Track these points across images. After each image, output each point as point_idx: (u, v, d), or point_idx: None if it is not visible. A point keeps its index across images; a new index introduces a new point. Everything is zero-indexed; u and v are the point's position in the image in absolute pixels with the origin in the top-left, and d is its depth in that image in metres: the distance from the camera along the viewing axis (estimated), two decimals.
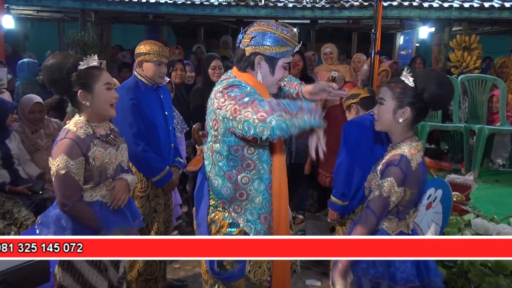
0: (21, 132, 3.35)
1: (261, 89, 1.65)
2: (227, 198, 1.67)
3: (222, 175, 1.66)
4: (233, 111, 1.46)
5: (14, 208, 2.83)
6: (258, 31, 1.62)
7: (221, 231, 1.69)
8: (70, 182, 1.70)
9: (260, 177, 1.66)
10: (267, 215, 1.68)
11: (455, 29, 6.19)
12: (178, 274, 3.27)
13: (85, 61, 1.75)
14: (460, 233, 2.52)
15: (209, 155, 1.70)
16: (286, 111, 1.39)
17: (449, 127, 4.71)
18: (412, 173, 1.63)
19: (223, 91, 1.54)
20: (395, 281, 1.63)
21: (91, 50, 5.50)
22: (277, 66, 1.64)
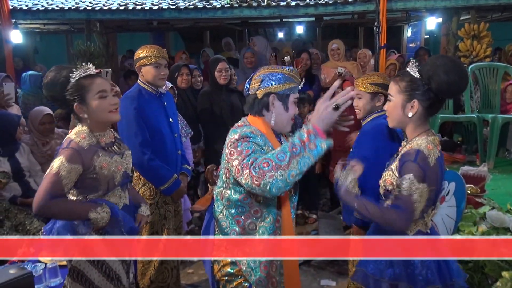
0: (31, 144, 3.39)
1: (271, 136, 1.68)
2: (232, 242, 1.70)
3: (231, 219, 1.70)
4: (236, 171, 1.53)
5: (26, 220, 2.86)
6: (264, 74, 1.69)
7: (222, 269, 1.72)
8: (56, 182, 1.61)
9: (265, 226, 1.68)
10: (267, 264, 1.69)
11: (463, 18, 6.07)
12: (192, 279, 3.27)
13: (75, 72, 1.70)
14: (475, 227, 2.45)
15: (219, 198, 1.74)
16: (277, 167, 1.43)
17: (461, 118, 4.61)
18: (431, 170, 1.54)
19: (234, 142, 1.59)
20: (414, 283, 1.57)
21: (98, 60, 5.56)
22: (289, 102, 1.69)
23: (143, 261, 2.62)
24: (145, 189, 2.57)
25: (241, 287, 1.70)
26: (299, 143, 1.45)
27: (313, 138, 1.44)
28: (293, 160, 1.43)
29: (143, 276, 2.62)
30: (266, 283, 1.69)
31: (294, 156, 1.43)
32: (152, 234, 2.58)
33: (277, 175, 1.42)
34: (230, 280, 1.71)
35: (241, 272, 1.69)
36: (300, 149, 1.44)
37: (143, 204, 2.07)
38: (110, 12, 5.73)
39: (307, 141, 1.44)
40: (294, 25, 8.30)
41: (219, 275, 1.73)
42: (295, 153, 1.44)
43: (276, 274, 1.71)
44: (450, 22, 5.64)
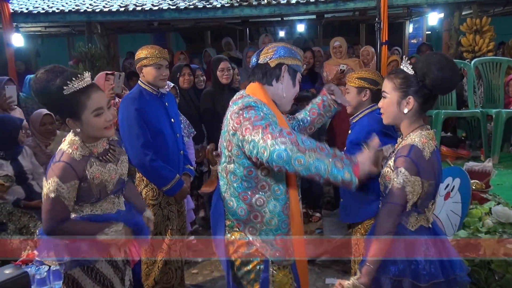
0: (34, 146, 3.39)
1: (273, 107, 1.65)
2: (242, 220, 1.64)
3: (236, 196, 1.64)
4: (244, 131, 1.48)
5: (30, 222, 2.86)
6: (278, 45, 1.69)
7: (238, 251, 1.67)
8: (59, 205, 1.60)
9: (276, 198, 1.62)
10: (283, 235, 1.65)
11: (465, 13, 6.04)
12: (197, 279, 3.26)
13: (70, 84, 1.56)
14: (480, 222, 2.43)
15: (223, 176, 1.68)
16: (295, 142, 1.36)
17: (465, 113, 4.58)
18: (426, 163, 1.56)
19: (238, 112, 1.54)
20: (418, 278, 1.56)
21: (99, 62, 5.57)
22: (296, 79, 1.69)
23: (147, 262, 2.62)
24: (148, 189, 2.56)
25: (258, 268, 1.65)
26: (331, 152, 1.37)
27: (346, 163, 1.35)
28: (313, 153, 1.35)
29: (147, 277, 2.61)
30: (283, 255, 1.64)
31: (317, 152, 1.35)
32: (156, 235, 2.57)
33: (288, 147, 1.36)
34: (247, 261, 1.66)
35: (257, 252, 1.64)
36: (326, 155, 1.36)
37: (147, 209, 2.03)
38: (110, 14, 5.73)
39: (338, 158, 1.36)
40: (295, 24, 8.28)
41: (235, 256, 1.68)
42: (320, 151, 1.36)
43: (290, 244, 1.66)
44: (452, 17, 5.61)
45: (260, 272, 1.65)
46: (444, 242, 1.67)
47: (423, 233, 1.63)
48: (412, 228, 1.62)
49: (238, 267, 1.68)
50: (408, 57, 1.68)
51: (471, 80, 4.59)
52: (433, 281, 1.56)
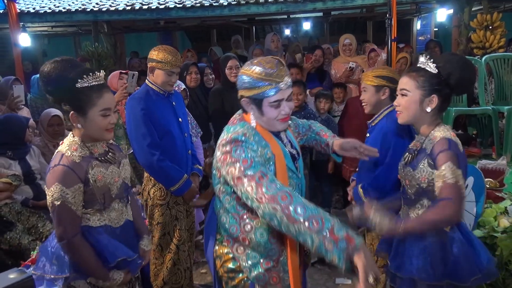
0: (42, 146, 3.39)
1: (263, 131, 1.58)
2: (232, 237, 1.62)
3: (230, 214, 1.62)
4: (237, 179, 1.43)
5: (39, 222, 2.85)
6: (240, 74, 1.57)
7: (224, 265, 1.65)
8: (67, 213, 1.55)
9: (263, 227, 1.57)
10: (269, 260, 1.60)
11: (475, 9, 5.95)
12: (206, 279, 3.24)
13: (85, 78, 1.54)
14: (496, 222, 2.38)
15: (218, 194, 1.65)
16: (287, 213, 1.30)
17: (476, 110, 4.51)
18: (462, 155, 1.57)
19: (225, 145, 1.50)
20: (458, 279, 1.55)
21: (106, 61, 5.56)
22: (263, 106, 1.54)
23: (155, 263, 2.60)
24: (156, 189, 2.54)
25: (243, 283, 1.63)
26: (327, 229, 1.27)
27: (341, 248, 1.25)
28: (302, 226, 1.29)
29: (156, 277, 2.59)
30: (267, 279, 1.60)
31: (308, 227, 1.28)
32: (164, 235, 2.55)
33: (278, 214, 1.32)
34: (232, 276, 1.65)
35: (242, 268, 1.62)
36: (318, 231, 1.27)
37: (146, 236, 1.92)
38: (117, 13, 5.72)
39: (332, 239, 1.25)
40: (301, 22, 8.21)
41: (221, 271, 1.67)
42: (312, 226, 1.28)
43: (279, 270, 1.62)
44: (461, 13, 5.52)
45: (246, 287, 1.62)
46: (471, 236, 1.66)
47: (456, 231, 1.62)
48: (447, 228, 1.61)
49: (225, 282, 1.68)
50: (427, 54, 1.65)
51: (482, 77, 4.52)
52: (474, 278, 1.56)
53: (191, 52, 5.48)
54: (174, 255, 2.56)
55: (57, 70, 1.53)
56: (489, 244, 2.21)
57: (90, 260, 1.59)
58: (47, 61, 1.58)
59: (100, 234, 1.65)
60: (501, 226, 2.31)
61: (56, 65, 1.54)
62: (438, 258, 1.57)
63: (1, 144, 3.01)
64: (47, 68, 1.54)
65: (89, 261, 1.59)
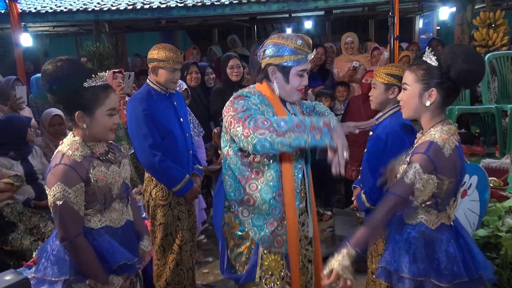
0: (44, 146, 3.39)
1: (274, 100, 1.72)
2: (237, 201, 1.71)
3: (235, 178, 1.71)
4: (229, 124, 1.59)
5: (41, 222, 2.85)
6: (270, 44, 1.71)
7: (232, 232, 1.74)
8: (69, 213, 1.53)
9: (268, 184, 1.67)
10: (273, 221, 1.68)
11: (478, 7, 5.92)
12: (208, 279, 3.23)
13: (93, 78, 1.56)
14: (500, 221, 2.36)
15: (225, 159, 1.76)
16: (273, 129, 1.46)
17: (479, 109, 4.48)
18: (446, 160, 1.50)
19: (232, 100, 1.65)
20: (440, 278, 1.51)
21: (107, 61, 5.55)
22: (290, 75, 1.70)
23: (158, 263, 2.59)
24: (158, 189, 2.53)
25: (249, 251, 1.70)
26: (308, 125, 1.46)
27: (325, 132, 1.45)
28: (291, 133, 1.45)
29: (158, 278, 2.58)
30: (272, 241, 1.68)
31: (294, 131, 1.45)
32: (166, 235, 2.54)
33: (267, 136, 1.46)
34: (239, 243, 1.71)
35: (248, 234, 1.69)
36: (304, 130, 1.45)
37: (146, 236, 1.91)
38: (118, 12, 5.71)
39: (316, 129, 1.45)
40: (303, 20, 8.19)
41: (229, 238, 1.75)
42: (297, 130, 1.45)
43: (283, 233, 1.69)
44: (464, 11, 5.49)
45: (251, 254, 1.70)
46: (467, 240, 1.62)
47: (444, 231, 1.58)
48: (432, 226, 1.57)
49: (231, 249, 1.75)
50: (431, 49, 1.62)
51: (485, 75, 4.49)
52: (456, 281, 1.51)
53: (196, 50, 5.45)
54: (176, 255, 2.55)
55: (63, 70, 1.51)
56: (493, 244, 2.20)
57: (92, 262, 1.58)
58: (49, 61, 1.56)
59: (101, 236, 1.63)
60: (506, 225, 2.30)
61: (62, 64, 1.52)
62: (421, 253, 1.54)
63: (3, 144, 3.00)
64: (52, 67, 1.52)
65: (90, 263, 1.58)
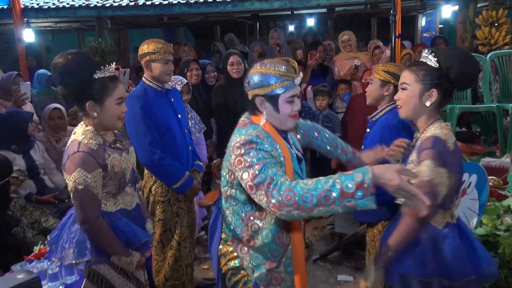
0: (45, 141, 3.41)
1: (275, 134, 1.61)
2: (237, 238, 1.66)
3: (236, 216, 1.65)
4: (249, 188, 1.46)
5: (42, 217, 2.86)
6: (253, 74, 1.61)
7: (228, 263, 1.70)
8: (89, 196, 1.64)
9: (270, 228, 1.61)
10: (272, 261, 1.65)
11: (480, 5, 5.90)
12: (208, 275, 3.25)
13: (102, 70, 1.66)
14: (499, 220, 2.36)
15: (225, 198, 1.69)
16: (299, 207, 1.33)
17: (480, 108, 4.48)
18: (451, 155, 1.54)
19: (240, 147, 1.51)
20: (450, 277, 1.53)
21: (109, 57, 5.55)
22: (280, 103, 1.58)
23: (157, 259, 2.60)
24: (157, 186, 2.54)
25: (246, 279, 1.67)
26: (337, 196, 1.28)
27: (359, 197, 1.26)
28: (320, 208, 1.31)
29: (157, 273, 2.60)
30: (270, 279, 1.65)
31: (323, 205, 1.30)
32: (165, 231, 2.56)
33: (295, 213, 1.35)
34: (236, 272, 1.69)
35: (245, 267, 1.67)
36: (333, 202, 1.29)
37: (149, 219, 2.02)
38: (120, 9, 5.71)
39: (349, 197, 1.27)
40: (305, 18, 8.17)
41: (225, 269, 1.71)
42: (325, 203, 1.30)
43: (281, 271, 1.66)
44: (466, 9, 5.48)
45: (248, 283, 1.66)
46: (470, 237, 1.64)
47: (450, 230, 1.60)
48: (439, 226, 1.59)
49: (228, 278, 1.71)
50: (430, 49, 1.64)
51: (487, 74, 4.49)
52: (465, 279, 1.53)
53: (188, 46, 5.45)
54: (175, 251, 2.57)
55: (74, 62, 1.61)
56: (491, 242, 2.21)
57: (113, 240, 1.70)
58: (60, 54, 1.64)
59: (119, 219, 1.74)
60: (504, 224, 2.30)
61: (73, 57, 1.62)
62: (429, 254, 1.56)
63: (5, 138, 3.03)
64: (63, 60, 1.61)
65: (112, 241, 1.69)
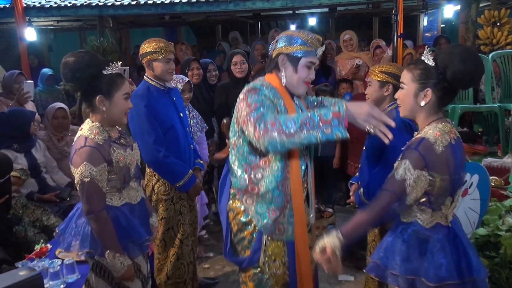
0: (47, 140, 3.41)
1: (283, 92, 1.76)
2: (242, 189, 1.77)
3: (241, 167, 1.77)
4: (243, 122, 1.64)
5: (43, 216, 2.87)
6: (282, 35, 1.78)
7: (236, 217, 1.80)
8: (94, 189, 1.73)
9: (273, 174, 1.72)
10: (275, 209, 1.74)
11: (482, 5, 5.88)
12: (208, 274, 3.26)
13: (110, 67, 1.79)
14: (500, 220, 2.36)
15: (232, 148, 1.81)
16: (282, 132, 1.49)
17: (482, 108, 4.47)
18: (437, 157, 1.50)
19: (245, 93, 1.68)
20: (430, 278, 1.50)
21: (111, 56, 5.55)
22: (299, 65, 1.73)
23: (159, 257, 2.61)
24: (160, 184, 2.54)
25: (252, 236, 1.76)
26: (317, 121, 1.46)
27: (335, 124, 1.45)
28: (300, 133, 1.47)
29: (159, 272, 2.61)
30: (274, 229, 1.74)
31: (303, 130, 1.47)
32: (168, 230, 2.56)
33: (277, 138, 1.49)
34: (242, 229, 1.78)
35: (252, 220, 1.75)
36: (313, 127, 1.46)
37: (154, 213, 2.10)
38: (122, 8, 5.71)
39: (326, 123, 1.45)
40: (307, 17, 8.16)
41: (233, 223, 1.81)
42: (306, 128, 1.47)
43: (284, 222, 1.75)
44: (469, 9, 5.47)
45: (253, 240, 1.77)
46: (463, 242, 1.60)
47: (439, 232, 1.57)
48: (426, 225, 1.57)
49: (235, 233, 1.82)
50: (430, 48, 1.62)
51: (489, 74, 4.48)
52: (445, 282, 1.50)
53: (185, 45, 5.46)
54: (177, 249, 2.58)
55: (85, 59, 1.73)
56: (492, 243, 2.21)
57: (112, 235, 1.77)
58: (69, 54, 1.77)
59: (123, 215, 1.82)
60: (506, 224, 2.30)
61: (83, 55, 1.75)
62: (414, 252, 1.55)
63: (7, 137, 3.03)
64: (74, 58, 1.74)
65: (111, 236, 1.76)
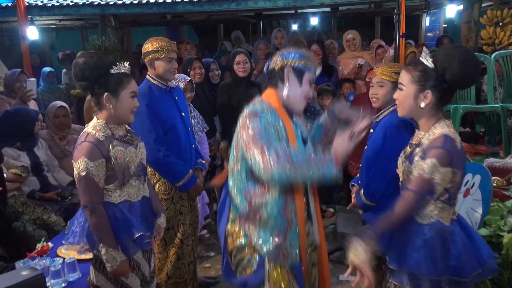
0: (49, 139, 3.42)
1: (282, 113, 1.75)
2: (243, 216, 1.76)
3: (240, 194, 1.76)
4: (247, 146, 1.63)
5: (44, 214, 2.88)
6: (285, 50, 1.81)
7: (235, 240, 1.78)
8: (90, 183, 1.77)
9: (274, 201, 1.71)
10: (278, 235, 1.72)
11: (485, 5, 5.87)
12: (209, 273, 3.26)
13: (117, 66, 1.86)
14: (502, 221, 2.35)
15: (231, 174, 1.80)
16: (291, 166, 1.54)
17: (485, 108, 4.45)
18: (459, 153, 1.54)
19: (246, 117, 1.68)
20: (461, 274, 1.53)
21: (113, 55, 5.55)
22: (304, 79, 1.76)
23: (159, 257, 2.61)
24: (160, 184, 2.54)
25: (250, 257, 1.75)
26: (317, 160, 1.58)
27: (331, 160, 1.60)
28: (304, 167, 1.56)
29: (160, 271, 2.60)
30: (277, 254, 1.72)
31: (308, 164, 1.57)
32: (168, 229, 2.55)
33: (289, 172, 1.54)
34: (241, 250, 1.77)
35: (251, 243, 1.74)
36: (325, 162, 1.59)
37: (162, 214, 2.13)
38: (124, 7, 5.71)
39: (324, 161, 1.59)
40: (309, 17, 8.16)
41: (231, 246, 1.80)
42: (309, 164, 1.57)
43: (287, 246, 1.73)
44: (471, 9, 5.45)
45: (252, 259, 1.74)
46: (471, 231, 1.65)
47: (455, 226, 1.60)
48: (446, 222, 1.59)
49: (234, 255, 1.80)
50: (431, 49, 1.61)
51: (491, 74, 4.46)
52: (474, 273, 1.54)
53: (190, 44, 5.44)
54: (178, 249, 2.57)
55: (94, 59, 1.81)
56: (494, 243, 2.20)
57: (107, 229, 1.80)
58: (79, 54, 1.86)
59: (120, 212, 1.85)
60: (508, 225, 2.29)
61: (92, 55, 1.83)
62: (439, 253, 1.55)
63: (10, 135, 3.04)
64: (84, 58, 1.81)
65: (106, 230, 1.80)
